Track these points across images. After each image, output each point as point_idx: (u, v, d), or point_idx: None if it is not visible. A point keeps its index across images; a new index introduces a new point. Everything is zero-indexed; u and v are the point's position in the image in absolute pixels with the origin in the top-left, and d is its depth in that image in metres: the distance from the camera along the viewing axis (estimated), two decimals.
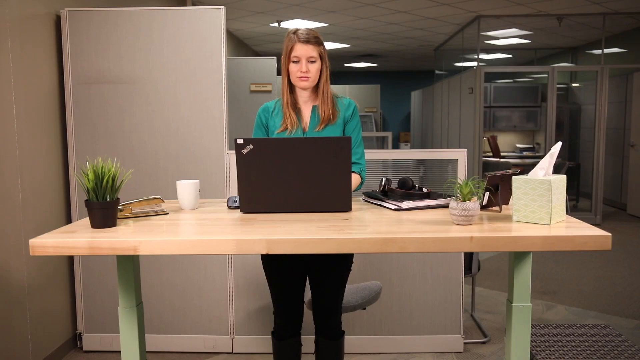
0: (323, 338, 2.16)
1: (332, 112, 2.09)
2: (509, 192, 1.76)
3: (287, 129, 2.08)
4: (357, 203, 1.97)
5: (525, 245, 1.42)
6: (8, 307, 2.61)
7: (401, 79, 14.28)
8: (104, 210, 1.57)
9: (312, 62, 2.03)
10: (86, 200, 1.59)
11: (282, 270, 2.07)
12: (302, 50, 2.01)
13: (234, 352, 3.10)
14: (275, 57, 5.65)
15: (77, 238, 1.46)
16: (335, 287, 2.10)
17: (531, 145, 9.36)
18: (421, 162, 3.25)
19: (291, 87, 2.11)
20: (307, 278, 2.14)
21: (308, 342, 2.69)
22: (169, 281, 3.08)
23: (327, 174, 1.76)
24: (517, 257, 1.67)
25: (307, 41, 2.01)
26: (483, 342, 3.22)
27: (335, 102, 2.12)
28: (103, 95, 2.98)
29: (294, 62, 2.03)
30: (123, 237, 1.46)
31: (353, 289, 2.56)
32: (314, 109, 2.12)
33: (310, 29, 2.07)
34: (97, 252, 1.44)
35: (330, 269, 2.06)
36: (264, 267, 2.12)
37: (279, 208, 1.79)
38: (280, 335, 2.16)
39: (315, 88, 2.11)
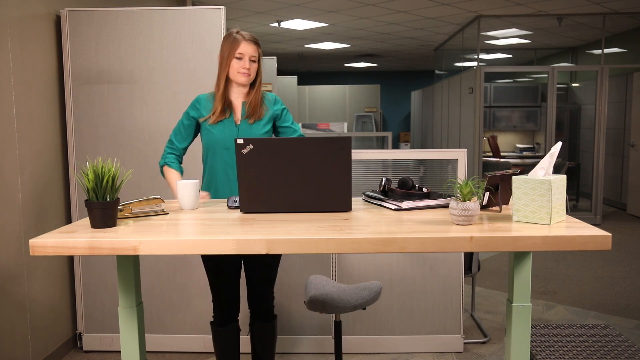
0: (258, 320, 2.37)
1: (260, 110, 2.24)
2: (509, 192, 1.77)
3: (215, 120, 2.19)
4: (357, 203, 1.97)
5: (525, 245, 1.42)
6: (8, 307, 2.61)
7: (401, 79, 14.28)
8: (104, 210, 1.58)
9: (253, 61, 2.19)
10: (86, 200, 1.59)
11: (219, 260, 2.22)
12: (247, 49, 2.16)
13: None
14: (275, 57, 5.65)
15: (77, 238, 1.46)
16: (268, 274, 2.31)
17: (531, 145, 9.36)
18: (421, 162, 3.25)
19: (226, 83, 2.24)
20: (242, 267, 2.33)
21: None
22: (169, 281, 3.08)
23: (327, 174, 1.76)
24: (517, 257, 1.67)
25: (251, 41, 2.18)
26: (483, 342, 3.22)
27: (263, 100, 2.27)
28: (103, 95, 2.98)
29: (237, 58, 2.16)
30: (123, 237, 1.46)
31: (353, 289, 2.55)
32: (243, 104, 2.25)
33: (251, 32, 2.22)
34: (97, 252, 1.44)
35: (262, 258, 2.25)
36: (202, 259, 2.27)
37: (279, 208, 1.79)
38: (220, 322, 2.32)
39: (249, 87, 2.26)
